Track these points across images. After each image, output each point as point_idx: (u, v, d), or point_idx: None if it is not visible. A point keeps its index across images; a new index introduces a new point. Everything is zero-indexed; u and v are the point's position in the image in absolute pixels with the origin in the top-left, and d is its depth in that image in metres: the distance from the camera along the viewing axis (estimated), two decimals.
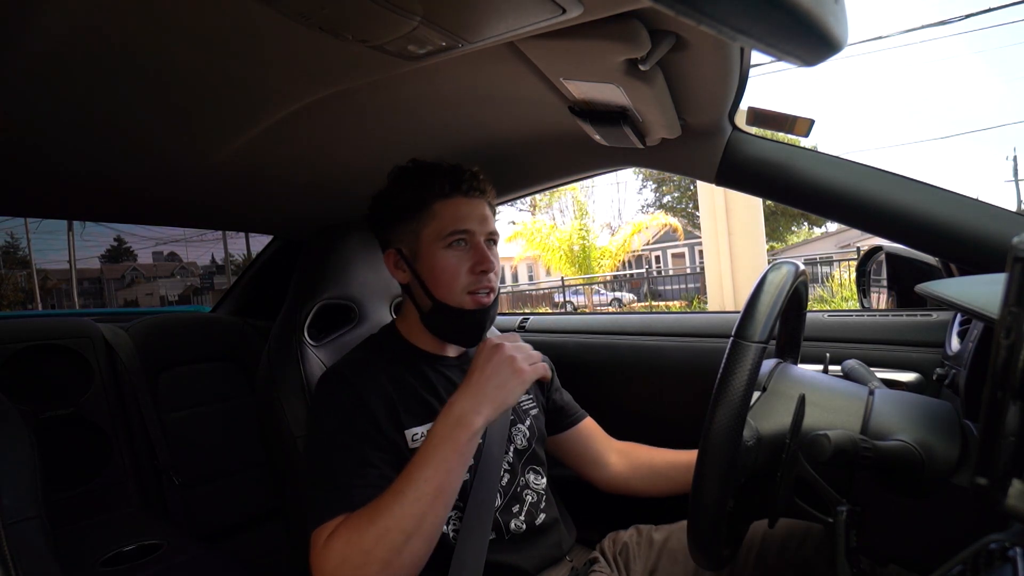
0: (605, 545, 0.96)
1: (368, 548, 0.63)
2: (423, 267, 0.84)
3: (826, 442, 0.53)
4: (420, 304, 0.87)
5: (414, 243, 0.85)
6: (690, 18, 0.26)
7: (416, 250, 0.85)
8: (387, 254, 0.89)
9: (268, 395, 0.96)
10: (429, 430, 0.72)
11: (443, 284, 0.83)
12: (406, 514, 0.65)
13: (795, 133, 0.87)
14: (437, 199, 0.83)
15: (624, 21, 0.58)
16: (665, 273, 17.22)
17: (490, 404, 0.72)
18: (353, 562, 0.64)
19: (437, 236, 0.83)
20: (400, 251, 0.87)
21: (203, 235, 21.08)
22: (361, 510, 0.67)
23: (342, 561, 0.64)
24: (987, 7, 10.87)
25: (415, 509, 0.65)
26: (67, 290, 18.18)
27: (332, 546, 0.65)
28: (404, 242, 0.86)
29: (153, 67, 0.59)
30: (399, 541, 0.64)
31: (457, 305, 0.83)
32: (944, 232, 0.78)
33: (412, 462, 0.69)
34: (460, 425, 0.70)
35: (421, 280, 0.84)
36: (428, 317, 0.86)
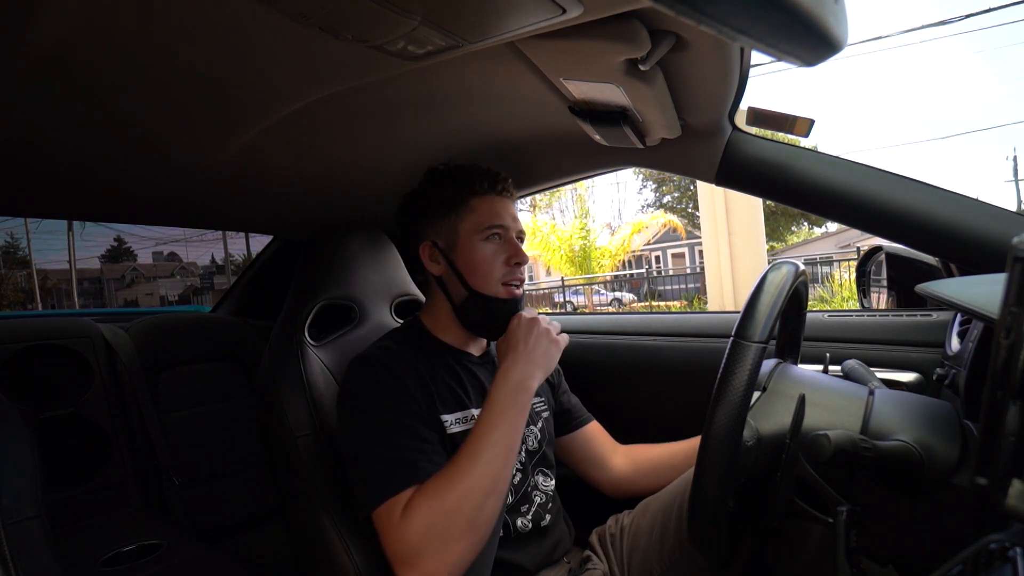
0: (593, 541, 0.98)
1: (451, 510, 0.67)
2: (460, 258, 0.88)
3: (826, 442, 0.53)
4: (454, 295, 0.90)
5: (451, 236, 0.89)
6: (690, 18, 0.26)
7: (453, 242, 0.89)
8: (422, 247, 0.91)
9: (268, 395, 0.96)
10: (488, 399, 0.77)
11: (481, 274, 0.87)
12: (484, 474, 0.69)
13: (795, 133, 0.87)
14: (475, 196, 0.89)
15: (624, 21, 0.58)
16: (665, 273, 17.21)
17: (540, 368, 0.81)
18: (438, 526, 0.67)
19: (476, 229, 0.88)
20: (435, 243, 0.90)
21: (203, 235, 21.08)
22: (435, 477, 0.71)
23: (427, 527, 0.67)
24: (987, 7, 10.87)
25: (491, 469, 0.70)
26: (67, 290, 18.18)
27: (414, 514, 0.68)
28: (440, 235, 0.90)
29: (153, 67, 0.59)
30: (480, 500, 0.68)
31: (493, 295, 0.88)
32: (944, 232, 0.78)
33: (478, 428, 0.74)
34: (520, 389, 0.77)
35: (458, 270, 0.88)
36: (462, 307, 0.89)
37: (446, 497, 0.68)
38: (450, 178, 0.90)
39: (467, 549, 0.68)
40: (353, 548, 0.87)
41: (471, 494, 0.68)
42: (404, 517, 0.68)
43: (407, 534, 0.67)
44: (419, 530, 0.67)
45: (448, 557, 0.66)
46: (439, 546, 0.66)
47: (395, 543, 0.68)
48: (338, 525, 0.88)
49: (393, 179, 1.11)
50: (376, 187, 1.14)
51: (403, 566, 0.67)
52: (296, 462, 0.92)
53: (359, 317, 1.07)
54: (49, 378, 1.24)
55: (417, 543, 0.66)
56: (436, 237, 0.90)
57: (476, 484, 0.68)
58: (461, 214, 0.89)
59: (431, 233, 0.91)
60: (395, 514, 0.69)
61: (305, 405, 0.94)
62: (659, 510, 0.91)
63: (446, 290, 0.90)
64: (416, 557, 0.66)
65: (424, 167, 0.97)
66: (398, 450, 0.74)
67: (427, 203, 0.91)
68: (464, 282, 0.88)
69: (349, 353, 1.03)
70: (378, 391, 0.79)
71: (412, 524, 0.67)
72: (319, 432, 0.94)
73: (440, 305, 0.92)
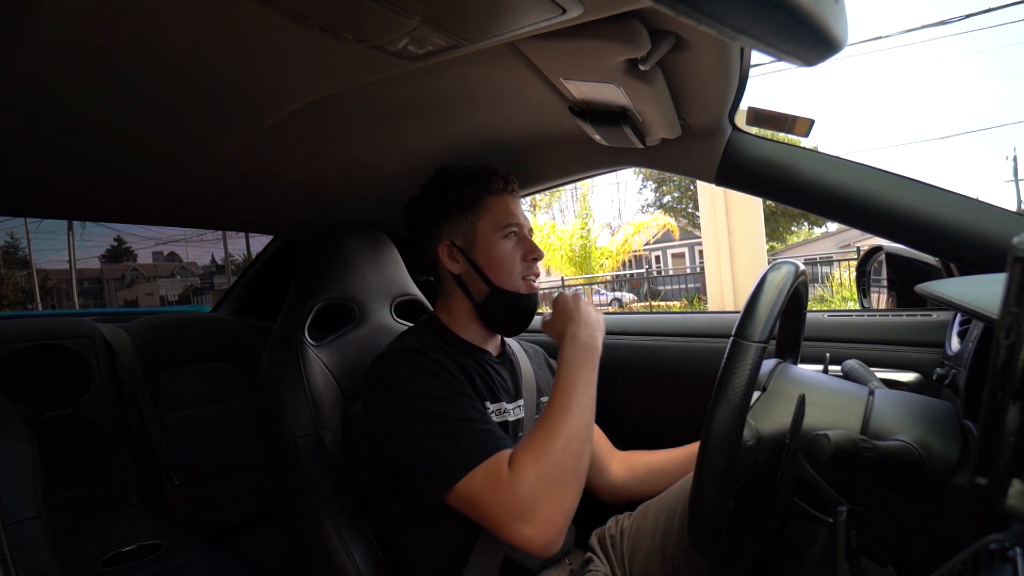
0: (594, 543, 0.99)
1: (558, 460, 0.70)
2: (480, 255, 0.90)
3: (826, 442, 0.53)
4: (474, 292, 0.91)
5: (469, 234, 0.91)
6: (690, 18, 0.26)
7: (472, 241, 0.91)
8: (440, 247, 0.92)
9: (269, 395, 0.96)
10: (560, 361, 0.82)
11: (503, 270, 0.90)
12: (579, 425, 0.74)
13: (795, 133, 0.87)
14: (491, 195, 0.92)
15: (624, 21, 0.58)
16: (665, 273, 17.20)
17: (598, 330, 0.86)
18: (550, 476, 0.69)
19: (494, 227, 0.90)
20: (453, 243, 0.91)
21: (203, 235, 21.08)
22: (532, 436, 0.73)
23: (538, 478, 0.69)
24: (987, 7, 10.87)
25: (583, 419, 0.75)
26: (67, 290, 18.18)
27: (524, 469, 0.70)
28: (457, 234, 0.91)
29: (153, 67, 0.59)
30: (579, 448, 0.72)
31: (514, 289, 0.91)
32: (944, 232, 0.78)
33: (560, 387, 0.78)
34: (589, 348, 0.82)
35: (479, 268, 0.90)
36: (484, 304, 0.91)
37: (551, 448, 0.71)
38: (464, 178, 0.92)
39: (574, 497, 0.71)
40: (353, 548, 0.87)
41: (571, 444, 0.72)
42: (514, 474, 0.70)
43: (521, 487, 0.69)
44: (532, 481, 0.69)
45: (562, 504, 0.69)
46: (553, 495, 0.69)
47: (508, 499, 0.69)
48: (338, 525, 0.88)
49: (393, 179, 1.11)
50: (376, 187, 1.14)
51: (520, 521, 0.68)
52: (296, 462, 0.92)
53: (359, 317, 1.07)
54: (49, 378, 1.24)
55: (532, 494, 0.68)
56: (453, 237, 0.91)
57: (574, 435, 0.72)
58: (478, 213, 0.91)
59: (447, 233, 0.92)
60: (501, 474, 0.70)
61: (305, 405, 0.94)
62: (661, 513, 0.91)
63: (466, 288, 0.91)
64: (532, 510, 0.68)
65: (424, 167, 0.97)
66: (474, 421, 0.76)
67: (442, 204, 0.92)
68: (486, 279, 0.90)
69: (349, 353, 1.03)
70: (427, 374, 0.79)
71: (524, 478, 0.69)
72: (319, 432, 0.94)
73: (459, 304, 0.93)
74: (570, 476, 0.71)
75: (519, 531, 0.68)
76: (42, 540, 0.72)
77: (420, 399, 0.77)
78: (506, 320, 0.92)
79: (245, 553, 1.37)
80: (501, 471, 0.71)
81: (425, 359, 0.81)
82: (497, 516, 0.69)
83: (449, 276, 0.92)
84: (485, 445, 0.73)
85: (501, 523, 0.69)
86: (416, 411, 0.76)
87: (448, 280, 0.93)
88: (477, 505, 0.71)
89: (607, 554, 0.96)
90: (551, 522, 0.68)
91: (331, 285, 1.05)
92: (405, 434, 0.76)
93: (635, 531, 0.95)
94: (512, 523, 0.68)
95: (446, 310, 0.95)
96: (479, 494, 0.71)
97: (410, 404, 0.77)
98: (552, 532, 0.68)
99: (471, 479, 0.71)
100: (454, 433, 0.74)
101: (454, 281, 0.92)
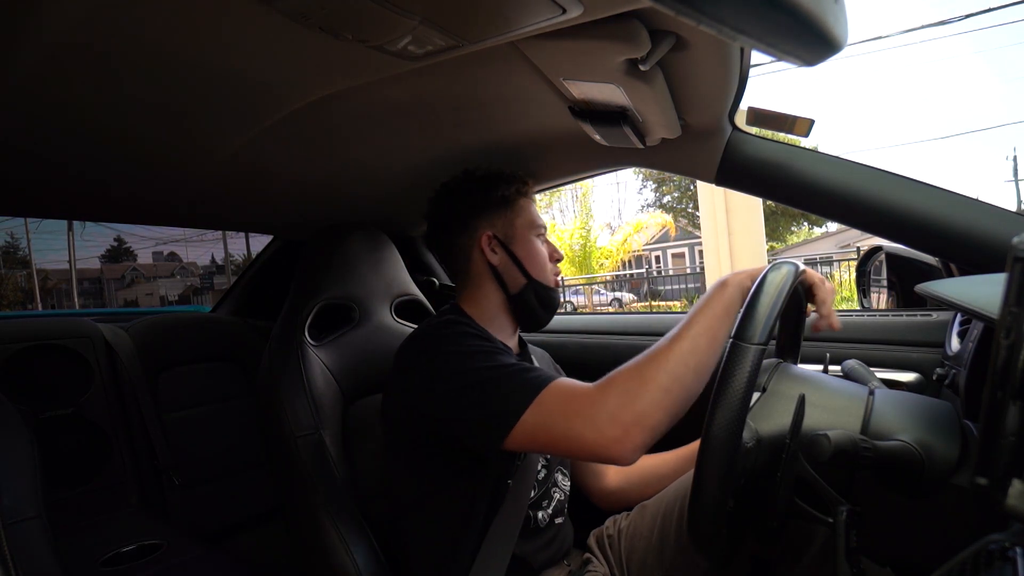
0: (591, 543, 0.99)
1: (650, 376, 0.67)
2: (520, 250, 0.93)
3: (826, 442, 0.53)
4: (511, 284, 0.93)
5: (508, 230, 0.94)
6: (690, 18, 0.26)
7: (510, 236, 0.93)
8: (481, 237, 0.93)
9: (269, 395, 0.96)
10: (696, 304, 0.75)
11: (538, 264, 0.94)
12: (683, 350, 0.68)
13: (795, 133, 0.87)
14: (523, 196, 0.96)
15: (624, 21, 0.58)
16: (665, 273, 17.20)
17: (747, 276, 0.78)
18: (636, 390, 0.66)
19: (529, 226, 0.95)
20: (495, 235, 0.93)
21: (203, 235, 21.06)
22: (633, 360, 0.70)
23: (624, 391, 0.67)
24: (987, 7, 10.87)
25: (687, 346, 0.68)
26: (67, 290, 18.18)
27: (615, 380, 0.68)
28: (496, 228, 0.93)
29: (153, 67, 0.59)
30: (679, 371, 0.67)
31: (548, 284, 0.95)
32: (944, 232, 0.78)
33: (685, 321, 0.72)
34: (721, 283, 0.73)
35: (518, 261, 0.93)
36: (518, 296, 0.93)
37: (645, 369, 0.68)
38: (501, 179, 0.95)
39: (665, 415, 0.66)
40: (353, 548, 0.87)
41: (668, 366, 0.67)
42: (603, 386, 0.69)
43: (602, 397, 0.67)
44: (616, 392, 0.67)
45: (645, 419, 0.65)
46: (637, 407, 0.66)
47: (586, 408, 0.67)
48: (338, 525, 0.88)
49: (393, 179, 1.11)
50: (376, 187, 1.14)
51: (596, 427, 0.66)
52: (296, 462, 0.92)
53: (359, 317, 1.07)
54: (49, 378, 1.24)
55: (615, 405, 0.66)
56: (493, 229, 0.93)
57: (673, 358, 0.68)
58: (516, 211, 0.94)
59: (487, 225, 0.93)
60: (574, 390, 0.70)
61: (305, 405, 0.94)
62: (658, 513, 0.91)
63: (501, 279, 0.93)
64: (612, 417, 0.66)
65: (424, 167, 0.97)
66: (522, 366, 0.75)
67: (485, 198, 0.94)
68: (524, 271, 0.93)
69: (349, 353, 1.03)
70: (470, 337, 0.80)
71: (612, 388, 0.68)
72: (319, 432, 0.94)
73: (490, 296, 0.94)
74: (660, 394, 0.66)
75: (594, 437, 0.66)
76: (42, 540, 0.72)
77: (467, 355, 0.77)
78: (536, 312, 0.94)
79: (245, 553, 1.37)
80: (574, 387, 0.70)
81: (465, 326, 0.83)
82: (574, 428, 0.67)
83: (485, 267, 0.93)
84: (539, 378, 0.72)
85: (577, 434, 0.67)
86: (465, 366, 0.76)
87: (482, 272, 0.94)
88: (547, 429, 0.69)
89: (605, 554, 0.96)
90: (629, 431, 0.65)
91: (331, 285, 1.05)
92: (459, 388, 0.75)
93: (632, 531, 0.95)
94: (589, 430, 0.67)
95: (473, 302, 0.94)
96: (547, 416, 0.69)
97: (457, 361, 0.77)
98: (629, 440, 0.65)
99: (537, 406, 0.70)
100: (508, 375, 0.74)
101: (489, 272, 0.93)
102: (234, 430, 1.45)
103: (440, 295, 1.50)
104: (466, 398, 0.74)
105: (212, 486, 1.39)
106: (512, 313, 0.94)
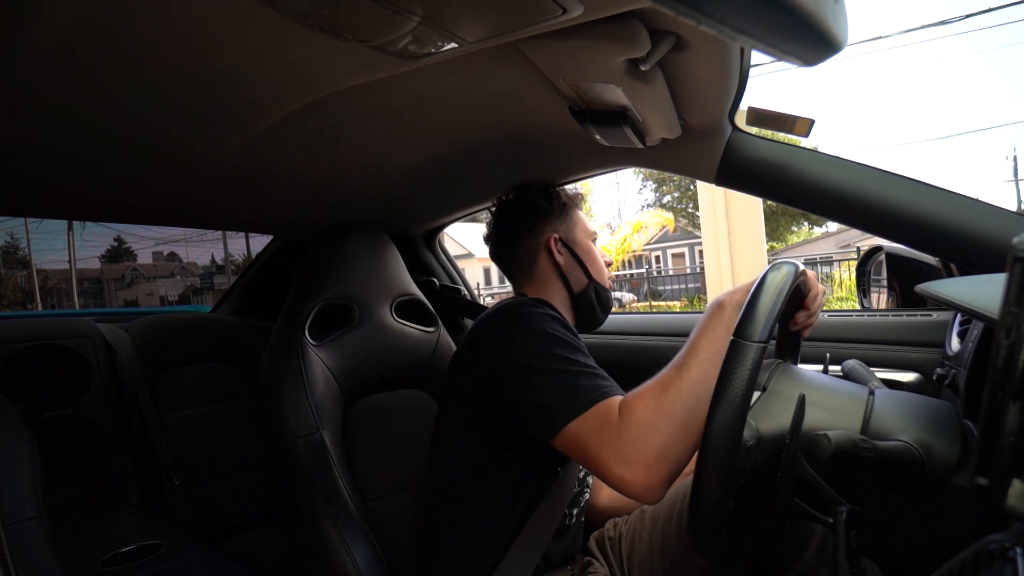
0: (592, 546, 1.00)
1: (668, 409, 0.69)
2: (581, 252, 1.00)
3: (826, 442, 0.53)
4: (574, 284, 0.99)
5: (571, 234, 1.01)
6: (690, 18, 0.26)
7: (572, 239, 1.01)
8: (549, 239, 0.99)
9: (269, 395, 0.96)
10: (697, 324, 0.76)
11: (597, 267, 1.01)
12: (692, 378, 0.70)
13: (795, 133, 0.87)
14: (577, 208, 1.05)
15: (624, 21, 0.58)
16: (665, 273, 17.20)
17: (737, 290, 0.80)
18: (656, 423, 0.68)
19: (587, 233, 1.03)
20: (560, 238, 1.00)
21: (203, 235, 21.03)
22: (645, 386, 0.72)
23: (645, 424, 0.68)
24: (987, 7, 10.87)
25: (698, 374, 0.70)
26: (67, 290, 18.17)
27: (631, 411, 0.69)
28: (560, 231, 1.00)
29: (153, 67, 0.59)
30: (692, 403, 0.68)
31: (607, 285, 1.02)
32: (944, 232, 0.78)
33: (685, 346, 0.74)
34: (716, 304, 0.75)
35: (582, 263, 1.00)
36: (581, 295, 0.99)
37: (661, 398, 0.69)
38: (557, 190, 1.03)
39: (681, 449, 0.68)
40: (353, 548, 0.87)
41: (682, 396, 0.69)
42: (623, 416, 0.70)
43: (627, 430, 0.68)
44: (638, 426, 0.68)
45: (667, 453, 0.67)
46: (658, 442, 0.67)
47: (615, 439, 0.69)
48: (338, 525, 0.88)
49: (393, 179, 1.11)
50: (376, 187, 1.14)
51: (623, 462, 0.68)
52: (296, 462, 0.92)
53: (360, 317, 1.07)
54: (49, 378, 1.24)
55: (637, 437, 0.68)
56: (557, 232, 1.00)
57: (688, 388, 0.69)
58: (575, 218, 1.03)
59: (550, 228, 1.00)
60: (611, 416, 0.71)
61: (305, 405, 0.94)
62: (659, 515, 0.91)
63: (566, 279, 0.99)
64: (636, 451, 0.67)
65: (425, 167, 0.97)
66: (593, 367, 0.77)
67: (548, 206, 1.00)
68: (587, 272, 0.99)
69: (349, 353, 1.04)
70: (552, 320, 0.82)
71: (630, 421, 0.69)
72: (320, 432, 0.94)
73: (555, 294, 0.99)
74: (678, 428, 0.68)
75: (620, 472, 0.68)
76: (42, 540, 0.72)
77: (549, 338, 0.79)
78: (594, 311, 1.01)
79: (245, 553, 1.37)
80: (611, 414, 0.71)
81: (554, 312, 0.85)
82: (603, 455, 0.69)
83: (551, 267, 0.99)
84: (601, 388, 0.74)
85: (605, 463, 0.69)
86: (551, 350, 0.77)
87: (548, 271, 0.99)
88: (584, 446, 0.71)
89: (606, 556, 0.96)
90: (652, 468, 0.67)
91: (331, 285, 1.05)
92: (537, 369, 0.76)
93: (633, 533, 0.95)
94: (615, 464, 0.68)
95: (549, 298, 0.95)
96: (588, 433, 0.71)
97: (546, 342, 0.78)
98: (653, 478, 0.67)
99: (585, 419, 0.71)
100: (578, 373, 0.75)
101: (555, 271, 0.99)
102: (234, 430, 1.45)
103: (440, 295, 1.50)
104: (536, 380, 0.76)
105: (212, 486, 1.39)
106: (574, 311, 1.00)
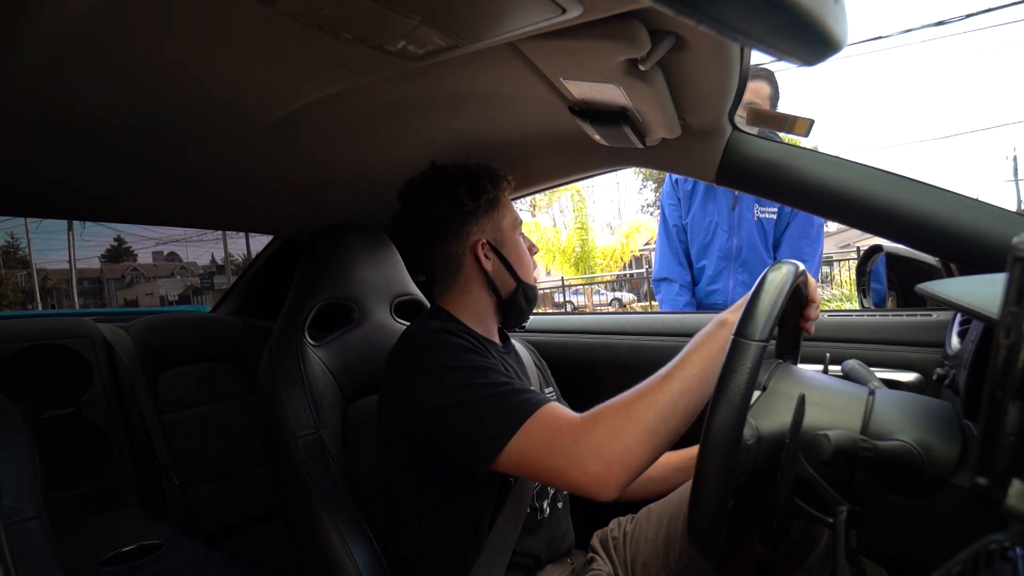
0: (595, 544, 0.99)
1: (637, 416, 0.66)
2: (509, 252, 0.92)
3: (826, 442, 0.53)
4: (502, 288, 0.92)
5: (496, 232, 0.92)
6: (690, 18, 0.26)
7: (500, 238, 0.92)
8: (476, 244, 0.90)
9: (268, 395, 0.96)
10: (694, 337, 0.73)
11: (524, 266, 0.93)
12: (673, 391, 0.67)
13: (795, 133, 0.87)
14: (504, 193, 0.93)
15: (624, 21, 0.58)
16: None
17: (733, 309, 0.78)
18: (623, 427, 0.66)
19: (513, 225, 0.94)
20: (488, 241, 0.91)
21: (203, 235, 21.06)
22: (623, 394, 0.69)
23: (609, 427, 0.66)
24: (987, 7, 10.86)
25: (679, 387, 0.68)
26: (67, 290, 18.18)
27: (596, 416, 0.68)
28: (487, 232, 0.91)
29: (153, 67, 0.59)
30: (667, 412, 0.66)
31: (532, 283, 0.95)
32: (944, 232, 0.78)
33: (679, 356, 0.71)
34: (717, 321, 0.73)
35: (508, 264, 0.91)
36: (509, 299, 0.92)
37: (634, 405, 0.67)
38: (488, 176, 0.91)
39: (643, 453, 0.66)
40: (353, 548, 0.87)
41: (657, 405, 0.67)
42: (585, 420, 0.68)
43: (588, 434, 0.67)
44: (601, 430, 0.67)
45: (629, 456, 0.65)
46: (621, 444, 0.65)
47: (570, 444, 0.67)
48: (338, 525, 0.88)
49: (393, 179, 1.10)
50: (376, 187, 1.14)
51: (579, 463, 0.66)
52: (296, 462, 0.92)
53: (359, 317, 1.07)
54: (49, 378, 1.24)
55: (599, 440, 0.66)
56: (483, 235, 0.91)
57: (663, 399, 0.67)
58: (501, 211, 0.92)
59: (476, 231, 0.90)
60: (561, 421, 0.69)
61: (305, 405, 0.94)
62: (664, 516, 0.91)
63: (493, 285, 0.91)
64: (595, 453, 0.65)
65: (425, 167, 0.97)
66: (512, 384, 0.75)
67: (474, 204, 0.90)
68: (514, 275, 0.92)
69: (349, 353, 1.03)
70: (459, 348, 0.79)
71: (594, 425, 0.67)
72: (319, 432, 0.94)
73: (479, 300, 0.92)
74: (645, 434, 0.66)
75: (573, 473, 0.66)
76: (42, 540, 0.72)
77: (457, 371, 0.76)
78: (521, 312, 0.94)
79: (245, 553, 1.37)
80: (560, 419, 0.69)
81: (452, 336, 0.81)
82: (557, 462, 0.67)
83: (476, 272, 0.90)
84: (529, 402, 0.72)
85: (560, 468, 0.67)
86: (455, 382, 0.75)
87: (472, 277, 0.91)
88: (534, 459, 0.69)
89: (610, 555, 0.96)
90: (612, 468, 0.65)
91: (331, 285, 1.05)
92: (447, 406, 0.74)
93: (637, 533, 0.95)
94: (570, 466, 0.66)
95: (461, 306, 0.92)
96: (536, 445, 0.69)
97: (447, 377, 0.76)
98: (611, 477, 0.65)
99: (524, 435, 0.69)
100: (497, 396, 0.73)
101: (480, 278, 0.91)
102: (234, 430, 1.45)
103: None
104: (455, 417, 0.73)
105: (212, 486, 1.39)
106: (499, 313, 0.94)
